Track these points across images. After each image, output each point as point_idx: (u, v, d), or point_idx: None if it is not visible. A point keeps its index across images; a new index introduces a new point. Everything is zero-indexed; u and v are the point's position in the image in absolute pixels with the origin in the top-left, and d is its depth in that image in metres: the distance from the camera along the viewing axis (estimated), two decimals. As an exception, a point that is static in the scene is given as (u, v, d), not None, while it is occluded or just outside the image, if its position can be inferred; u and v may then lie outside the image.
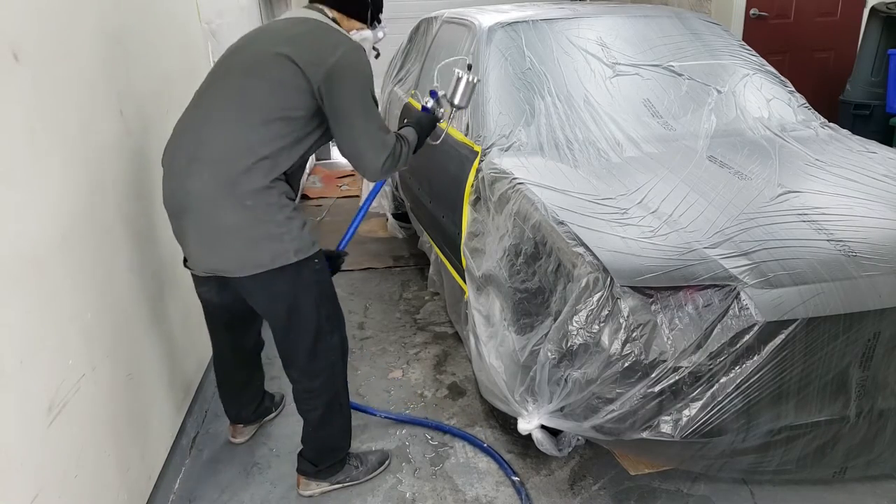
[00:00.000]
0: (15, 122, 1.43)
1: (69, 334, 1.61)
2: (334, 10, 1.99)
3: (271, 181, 1.76)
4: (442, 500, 2.19)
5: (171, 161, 1.86)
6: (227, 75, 1.87)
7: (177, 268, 2.41)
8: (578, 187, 2.21)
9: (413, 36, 4.11)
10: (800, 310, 1.66)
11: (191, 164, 1.78)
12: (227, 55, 1.94)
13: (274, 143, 1.77)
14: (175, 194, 1.83)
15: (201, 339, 2.70)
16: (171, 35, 2.65)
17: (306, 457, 2.18)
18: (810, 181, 2.26)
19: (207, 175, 1.76)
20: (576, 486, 2.22)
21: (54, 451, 1.52)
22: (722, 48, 3.05)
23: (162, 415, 2.23)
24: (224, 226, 1.77)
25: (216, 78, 1.90)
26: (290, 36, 1.86)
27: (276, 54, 1.79)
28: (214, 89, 1.88)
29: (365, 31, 2.05)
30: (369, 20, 2.06)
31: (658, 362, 1.67)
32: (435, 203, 3.01)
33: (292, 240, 1.80)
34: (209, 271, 1.91)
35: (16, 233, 1.41)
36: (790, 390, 1.69)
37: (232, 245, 1.79)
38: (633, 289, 1.70)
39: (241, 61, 1.88)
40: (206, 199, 1.76)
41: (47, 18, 1.62)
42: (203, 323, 2.23)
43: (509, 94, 2.71)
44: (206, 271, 1.92)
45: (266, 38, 1.91)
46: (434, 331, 3.26)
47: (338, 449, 2.19)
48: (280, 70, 1.78)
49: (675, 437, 1.67)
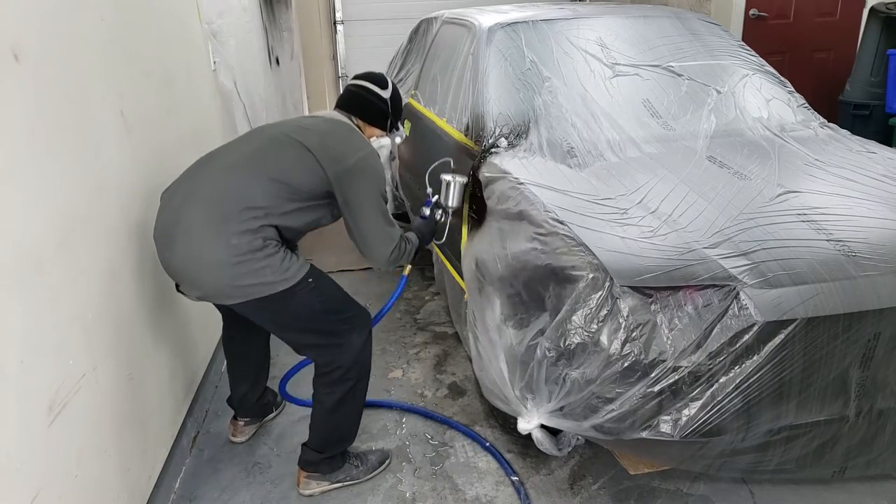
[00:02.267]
0: (15, 122, 1.44)
1: (70, 334, 1.61)
2: (358, 119, 2.19)
3: (260, 227, 1.84)
4: (442, 499, 2.19)
5: (170, 196, 1.94)
6: (247, 142, 2.03)
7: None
8: (578, 187, 2.21)
9: (413, 36, 4.11)
10: (799, 310, 1.66)
11: (187, 199, 1.87)
12: (257, 128, 2.14)
13: (273, 200, 1.87)
14: (166, 225, 1.89)
15: (202, 339, 2.71)
16: (171, 35, 2.65)
17: (311, 445, 2.18)
18: (810, 181, 2.26)
19: (201, 210, 1.84)
20: (576, 485, 2.22)
21: (55, 450, 1.52)
22: (721, 48, 3.05)
23: (162, 414, 2.23)
24: (208, 259, 1.82)
25: (236, 142, 2.07)
26: (316, 131, 2.01)
27: (298, 142, 1.94)
28: (232, 148, 2.02)
29: (384, 138, 2.26)
30: (388, 128, 2.26)
31: (657, 362, 1.67)
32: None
33: (273, 272, 1.85)
34: (199, 300, 1.98)
35: (16, 233, 1.41)
36: (790, 390, 1.70)
37: (215, 278, 1.85)
38: (632, 289, 1.71)
39: (264, 136, 2.03)
40: (195, 232, 1.83)
41: (47, 18, 1.62)
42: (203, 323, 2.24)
43: (509, 95, 2.71)
44: (197, 299, 1.98)
45: (293, 126, 2.05)
46: (434, 331, 3.26)
47: (344, 440, 2.21)
48: (298, 152, 1.93)
49: (674, 437, 1.68)
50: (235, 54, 3.65)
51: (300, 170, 1.91)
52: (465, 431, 2.49)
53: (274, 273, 1.84)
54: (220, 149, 2.05)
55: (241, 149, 1.99)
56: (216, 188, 1.86)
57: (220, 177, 1.89)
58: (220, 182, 1.88)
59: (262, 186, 1.86)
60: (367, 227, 2.00)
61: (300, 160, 1.92)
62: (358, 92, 2.20)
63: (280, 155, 1.93)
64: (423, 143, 3.21)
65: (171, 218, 1.87)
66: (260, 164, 1.89)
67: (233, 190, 1.85)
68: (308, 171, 1.91)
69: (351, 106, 2.19)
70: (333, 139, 2.00)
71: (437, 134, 3.07)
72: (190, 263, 1.85)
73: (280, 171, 1.89)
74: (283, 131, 2.00)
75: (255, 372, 2.44)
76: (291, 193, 1.89)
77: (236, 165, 1.91)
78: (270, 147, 1.95)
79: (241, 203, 1.82)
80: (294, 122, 2.09)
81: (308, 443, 2.20)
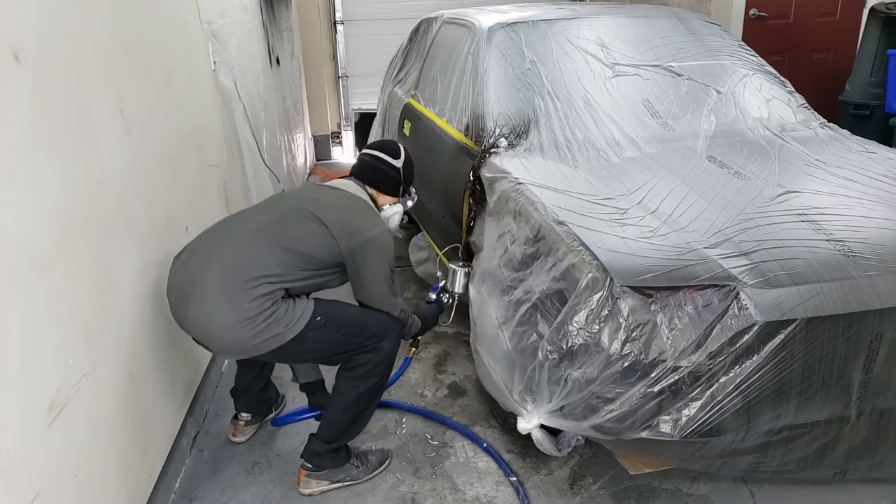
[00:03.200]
0: (15, 121, 1.44)
1: (70, 334, 1.61)
2: (371, 188, 2.27)
3: (272, 291, 1.91)
4: (442, 499, 2.19)
5: (186, 258, 2.01)
6: (266, 212, 2.13)
7: (177, 268, 2.42)
8: (578, 187, 2.21)
9: (413, 36, 4.11)
10: (799, 310, 1.66)
11: (204, 263, 1.95)
12: (271, 199, 2.26)
13: (287, 269, 1.95)
14: (182, 286, 1.96)
15: (201, 339, 2.71)
16: (172, 35, 2.65)
17: (321, 437, 2.19)
18: (810, 181, 2.26)
19: (217, 275, 1.91)
20: (575, 485, 2.22)
21: (55, 450, 1.52)
22: (721, 48, 3.05)
23: (162, 414, 2.23)
24: (219, 322, 1.90)
25: (254, 210, 2.18)
26: (334, 206, 2.10)
27: (315, 216, 2.03)
28: (250, 216, 2.12)
29: (397, 205, 2.34)
30: (400, 194, 2.33)
31: (658, 362, 1.67)
32: (435, 203, 3.01)
33: (278, 324, 1.92)
34: (218, 353, 2.07)
35: (17, 233, 1.41)
36: (790, 391, 1.70)
37: (227, 339, 1.92)
38: (632, 289, 1.71)
39: (283, 207, 2.14)
40: (209, 295, 1.90)
41: (48, 19, 1.62)
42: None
43: (509, 95, 2.71)
44: (215, 353, 2.07)
45: (311, 199, 2.13)
46: (434, 330, 3.25)
47: (351, 432, 2.23)
48: (315, 226, 2.02)
49: (674, 437, 1.68)
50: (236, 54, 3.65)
51: (315, 242, 2.00)
52: (463, 432, 2.48)
53: (279, 325, 1.91)
54: (237, 215, 2.15)
55: (260, 218, 2.07)
56: (233, 255, 1.94)
57: (237, 244, 1.97)
58: (236, 249, 1.95)
59: (277, 256, 1.94)
60: (375, 296, 2.13)
61: (315, 233, 2.00)
62: (371, 162, 2.28)
63: (297, 227, 2.01)
64: (424, 143, 3.21)
65: (188, 279, 1.94)
66: (277, 235, 1.98)
67: (249, 258, 1.93)
68: (322, 244, 2.00)
69: (365, 176, 2.27)
70: (349, 215, 2.08)
71: (437, 134, 3.07)
72: (203, 324, 1.93)
73: (295, 242, 1.98)
74: (302, 204, 2.08)
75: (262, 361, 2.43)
76: (305, 263, 1.98)
77: (253, 234, 1.99)
78: (288, 219, 2.05)
79: (255, 271, 1.90)
80: (312, 195, 2.17)
81: (318, 434, 2.20)
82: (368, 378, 2.11)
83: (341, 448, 2.22)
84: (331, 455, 2.20)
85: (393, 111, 3.92)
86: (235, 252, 1.95)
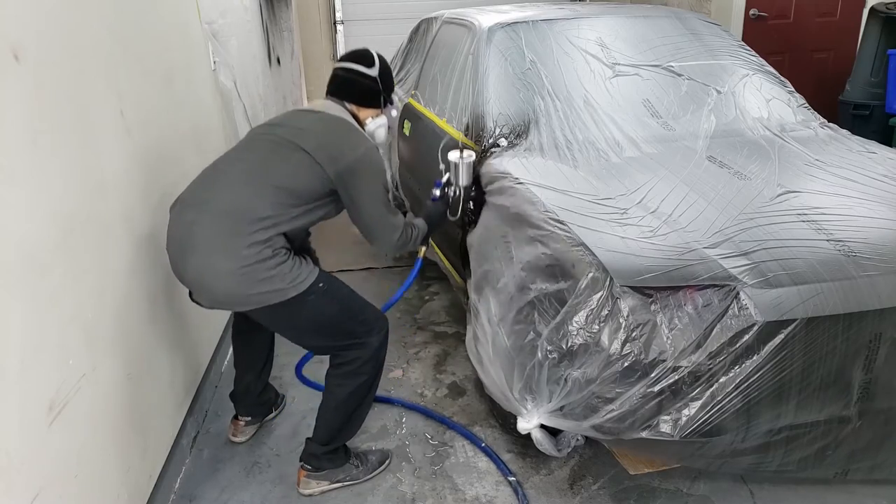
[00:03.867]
0: (15, 122, 1.44)
1: (69, 334, 1.61)
2: (351, 104, 2.17)
3: (269, 237, 1.89)
4: (442, 499, 2.19)
5: (179, 210, 1.98)
6: (249, 149, 2.05)
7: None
8: (578, 187, 2.21)
9: (413, 36, 4.11)
10: (799, 310, 1.66)
11: (197, 215, 1.92)
12: (256, 132, 2.13)
13: (279, 209, 1.91)
14: (178, 239, 1.94)
15: (202, 339, 2.71)
16: (172, 35, 2.65)
17: (316, 439, 2.19)
18: (810, 181, 2.26)
19: (210, 225, 1.89)
20: (575, 485, 2.22)
21: (55, 450, 1.52)
22: (721, 48, 3.05)
23: (162, 414, 2.23)
24: (219, 270, 1.87)
25: (239, 149, 2.09)
26: (313, 132, 2.03)
27: (297, 145, 1.97)
28: (235, 156, 2.05)
29: (380, 117, 2.24)
30: (383, 104, 2.22)
31: (658, 362, 1.67)
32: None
33: (282, 280, 1.89)
34: (213, 307, 2.02)
35: (17, 232, 1.41)
36: (789, 390, 1.70)
37: (227, 287, 1.89)
38: (632, 289, 1.70)
39: (267, 140, 2.05)
40: (207, 246, 1.88)
41: (48, 19, 1.62)
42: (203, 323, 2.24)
43: (509, 95, 2.71)
44: (210, 306, 2.03)
45: (292, 126, 2.07)
46: (434, 330, 3.26)
47: (349, 433, 2.23)
48: (299, 157, 1.96)
49: (674, 437, 1.68)
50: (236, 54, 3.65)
51: (302, 174, 1.95)
52: (462, 432, 2.48)
53: (283, 280, 1.89)
54: (224, 158, 2.08)
55: (245, 159, 2.02)
56: (223, 203, 1.91)
57: (227, 190, 1.94)
58: (226, 195, 1.92)
59: (267, 198, 1.90)
60: (371, 219, 2.05)
61: (303, 164, 1.95)
62: (345, 76, 2.18)
63: (282, 162, 1.96)
64: (424, 143, 3.21)
65: (184, 233, 1.92)
66: (264, 175, 1.94)
67: (240, 204, 1.90)
68: (311, 174, 1.95)
69: (341, 91, 2.17)
70: (331, 138, 2.01)
71: (437, 134, 3.07)
72: (202, 275, 1.91)
73: (284, 178, 1.93)
74: (283, 136, 2.02)
75: (262, 363, 2.45)
76: (296, 199, 1.94)
77: (241, 177, 1.95)
78: (272, 155, 1.98)
79: (248, 216, 1.87)
80: (293, 123, 2.10)
81: (313, 436, 2.20)
82: (357, 376, 2.10)
83: (339, 449, 2.22)
84: (329, 456, 2.20)
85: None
86: (225, 198, 1.91)
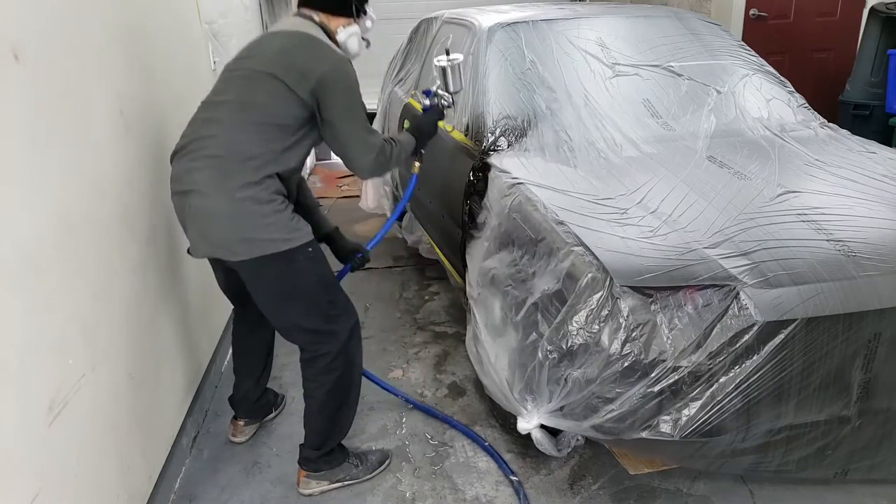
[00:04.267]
0: (15, 122, 1.44)
1: (69, 334, 1.61)
2: (320, 13, 2.09)
3: (262, 178, 1.88)
4: (442, 499, 2.19)
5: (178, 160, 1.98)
6: (227, 88, 2.02)
7: (177, 267, 2.42)
8: (578, 187, 2.21)
9: (413, 36, 4.11)
10: (799, 310, 1.66)
11: (194, 160, 1.93)
12: (229, 68, 2.08)
13: (266, 146, 1.91)
14: (182, 179, 1.95)
15: (202, 339, 2.71)
16: (172, 35, 2.65)
17: (308, 444, 2.19)
18: (810, 181, 2.26)
19: (205, 168, 1.90)
20: (575, 485, 2.22)
21: (55, 450, 1.52)
22: (721, 48, 3.05)
23: (162, 414, 2.23)
24: (215, 214, 1.89)
25: (219, 89, 2.06)
26: (281, 52, 1.98)
27: (267, 73, 1.93)
28: (217, 97, 2.03)
29: (352, 25, 2.14)
30: (354, 13, 2.13)
31: (658, 362, 1.67)
32: (435, 203, 3.01)
33: (279, 229, 1.89)
34: (206, 255, 2.03)
35: (16, 232, 1.41)
36: (789, 390, 1.70)
37: (222, 232, 1.91)
38: (632, 289, 1.70)
39: (239, 76, 2.02)
40: (203, 189, 1.89)
41: (48, 18, 1.62)
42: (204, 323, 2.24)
43: (509, 95, 2.71)
44: (203, 255, 2.03)
45: (259, 54, 2.03)
46: (434, 330, 3.26)
47: (339, 433, 2.22)
48: (271, 85, 1.92)
49: (674, 437, 1.68)
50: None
51: (279, 104, 1.92)
52: (463, 431, 2.49)
53: (280, 230, 1.89)
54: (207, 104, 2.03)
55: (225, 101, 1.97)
56: (215, 146, 1.90)
57: (215, 136, 1.92)
58: (217, 140, 1.91)
59: (251, 135, 1.89)
60: (346, 137, 1.99)
61: (278, 92, 1.91)
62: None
63: (258, 96, 1.92)
64: (423, 142, 3.20)
65: (183, 180, 1.93)
66: (243, 114, 1.92)
67: (228, 147, 1.89)
68: (286, 100, 1.91)
69: (309, 1, 2.10)
70: (297, 57, 1.95)
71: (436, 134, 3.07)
72: (200, 218, 1.92)
73: (264, 114, 1.91)
74: (252, 67, 1.97)
75: (261, 367, 2.45)
76: (279, 132, 1.92)
77: (226, 121, 1.93)
78: (246, 91, 1.95)
79: (238, 157, 1.87)
80: (259, 51, 2.04)
81: (305, 442, 2.20)
82: (330, 372, 2.08)
83: (334, 450, 2.21)
84: (325, 458, 2.20)
85: (393, 111, 3.92)
86: (214, 145, 1.90)
